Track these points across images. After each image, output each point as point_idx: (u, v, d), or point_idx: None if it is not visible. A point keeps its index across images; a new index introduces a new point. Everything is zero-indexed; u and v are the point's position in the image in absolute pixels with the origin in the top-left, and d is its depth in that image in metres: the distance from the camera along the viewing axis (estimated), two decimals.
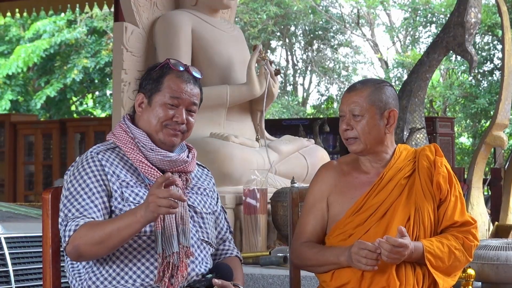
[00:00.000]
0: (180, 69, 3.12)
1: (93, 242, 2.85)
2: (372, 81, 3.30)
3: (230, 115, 5.88)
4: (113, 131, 3.15)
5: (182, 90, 3.09)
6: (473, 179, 5.71)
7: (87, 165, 3.03)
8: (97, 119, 13.97)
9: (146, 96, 3.11)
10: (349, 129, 3.23)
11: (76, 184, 3.00)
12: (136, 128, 3.10)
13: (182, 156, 3.11)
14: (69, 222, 2.91)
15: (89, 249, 2.86)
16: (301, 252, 3.25)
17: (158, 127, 3.08)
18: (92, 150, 3.09)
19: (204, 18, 5.93)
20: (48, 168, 11.27)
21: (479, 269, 4.09)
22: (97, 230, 2.85)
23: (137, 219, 2.80)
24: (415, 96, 6.98)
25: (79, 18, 16.69)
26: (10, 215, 4.50)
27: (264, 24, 17.88)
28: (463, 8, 6.64)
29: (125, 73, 5.71)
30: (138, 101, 3.13)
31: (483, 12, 14.88)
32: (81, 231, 2.86)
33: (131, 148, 3.06)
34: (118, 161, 3.06)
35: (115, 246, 2.89)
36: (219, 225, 3.29)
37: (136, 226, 2.82)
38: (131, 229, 2.83)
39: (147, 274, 2.97)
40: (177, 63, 3.14)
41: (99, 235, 2.84)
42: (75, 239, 2.87)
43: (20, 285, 3.96)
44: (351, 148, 3.25)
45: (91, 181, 2.99)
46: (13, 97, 16.77)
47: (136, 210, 2.82)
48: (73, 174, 3.03)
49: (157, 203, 2.74)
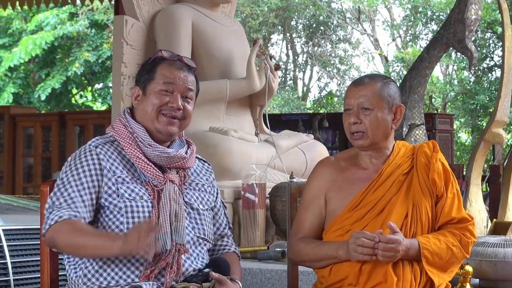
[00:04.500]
0: (173, 59, 3.13)
1: (68, 243, 2.92)
2: (380, 76, 3.31)
3: (229, 109, 5.87)
4: (112, 125, 3.15)
5: (176, 76, 3.10)
6: (471, 176, 5.71)
7: (84, 158, 3.04)
8: (96, 112, 13.96)
9: (141, 88, 3.13)
10: (358, 122, 3.21)
11: (70, 175, 3.01)
12: (135, 123, 3.10)
13: (180, 152, 3.11)
14: (54, 210, 2.95)
15: (63, 246, 2.94)
16: (298, 248, 3.26)
17: (154, 115, 3.08)
18: (91, 143, 3.09)
19: (204, 12, 5.93)
20: (47, 161, 11.27)
21: (477, 266, 4.09)
22: (76, 236, 2.90)
23: (113, 247, 2.85)
24: (414, 92, 6.98)
25: (80, 11, 16.67)
26: (9, 207, 4.50)
27: (265, 16, 17.87)
28: (463, 4, 6.64)
29: (125, 66, 5.71)
30: (134, 95, 3.15)
31: (483, 9, 14.87)
32: (62, 227, 2.92)
33: (129, 143, 3.06)
34: (116, 156, 3.06)
35: (86, 257, 2.98)
36: (218, 221, 3.29)
37: (110, 252, 2.89)
38: (104, 252, 2.90)
39: (137, 274, 2.97)
40: (170, 53, 3.15)
41: (75, 241, 2.90)
42: (54, 231, 2.92)
43: (18, 277, 3.96)
44: (358, 142, 3.23)
45: (85, 175, 3.01)
46: (14, 90, 16.77)
47: (116, 239, 2.86)
48: (69, 165, 3.05)
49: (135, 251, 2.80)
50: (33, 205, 4.66)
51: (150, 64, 3.14)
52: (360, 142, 3.23)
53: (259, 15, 17.69)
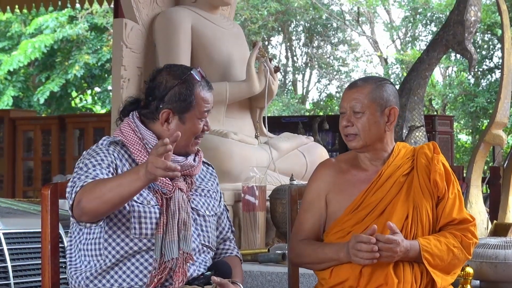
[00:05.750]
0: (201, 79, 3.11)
1: (94, 196, 2.82)
2: (373, 79, 3.31)
3: (229, 112, 5.88)
4: (120, 128, 3.12)
5: (209, 101, 3.12)
6: (472, 177, 5.71)
7: (100, 150, 3.04)
8: (96, 115, 13.95)
9: (175, 113, 3.08)
10: (350, 125, 3.23)
11: (88, 162, 2.99)
12: (145, 129, 3.09)
13: (189, 160, 3.12)
14: (77, 183, 2.90)
15: (90, 203, 2.83)
16: (299, 249, 3.26)
17: (191, 141, 3.12)
18: (102, 142, 3.10)
19: (204, 15, 5.93)
20: (47, 164, 11.26)
21: (478, 268, 4.09)
22: (99, 185, 2.83)
23: (138, 176, 2.78)
24: (414, 94, 6.98)
25: (80, 15, 16.68)
26: (9, 210, 4.50)
27: (265, 20, 17.88)
28: (463, 6, 6.65)
29: (124, 69, 5.71)
30: (164, 118, 3.09)
31: (483, 10, 14.89)
32: (86, 188, 2.85)
33: (139, 149, 3.06)
34: (126, 158, 3.07)
35: (114, 203, 2.84)
36: (221, 225, 3.29)
37: (137, 184, 2.79)
38: (131, 187, 2.80)
39: (141, 278, 2.97)
40: (198, 73, 3.13)
41: (100, 190, 2.81)
42: (79, 195, 2.85)
43: (19, 280, 3.96)
44: (351, 144, 3.25)
45: (103, 161, 2.99)
46: (14, 93, 16.77)
47: (139, 168, 2.80)
48: (86, 157, 3.03)
49: (154, 165, 2.72)
50: (33, 208, 4.66)
51: (185, 89, 3.08)
52: (353, 144, 3.25)
53: (259, 19, 17.70)
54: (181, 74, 3.10)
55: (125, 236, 2.96)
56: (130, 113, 3.15)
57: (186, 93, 3.08)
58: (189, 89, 3.08)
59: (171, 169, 2.74)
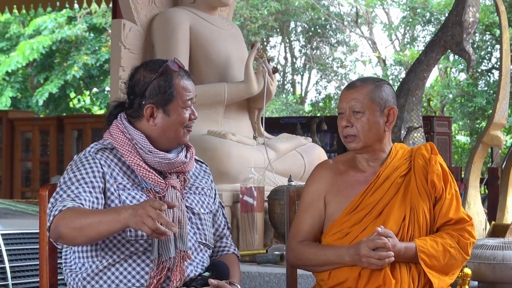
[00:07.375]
0: (178, 69, 3.12)
1: (73, 227, 2.79)
2: (372, 79, 3.31)
3: (227, 113, 5.88)
4: (110, 131, 3.11)
5: (189, 89, 3.10)
6: (470, 178, 5.72)
7: (86, 161, 3.02)
8: (94, 116, 13.95)
9: (158, 106, 3.07)
10: (349, 126, 3.23)
11: (72, 176, 2.98)
12: (134, 129, 3.08)
13: (180, 157, 3.10)
14: (57, 203, 2.88)
15: (68, 232, 2.80)
16: (299, 251, 3.25)
17: (181, 132, 3.10)
18: (90, 149, 3.07)
19: (202, 16, 5.93)
20: (45, 165, 11.26)
21: (476, 269, 4.09)
22: (80, 216, 2.80)
23: (119, 219, 2.74)
24: (412, 95, 6.98)
25: (78, 15, 16.68)
26: (7, 211, 4.50)
27: (264, 20, 17.88)
28: (461, 7, 6.65)
29: (122, 70, 5.71)
30: (149, 114, 3.08)
31: (481, 11, 14.89)
32: (66, 213, 2.82)
33: (129, 150, 3.05)
34: (116, 162, 3.05)
35: (92, 238, 2.82)
36: (216, 222, 3.29)
37: (116, 226, 2.76)
38: (110, 226, 2.77)
39: (138, 279, 2.96)
40: (174, 63, 3.13)
41: (80, 222, 2.78)
42: (58, 220, 2.82)
43: (17, 281, 3.96)
44: (350, 145, 3.25)
45: (88, 176, 2.97)
46: (13, 94, 16.76)
47: (121, 210, 2.75)
48: (71, 169, 3.02)
49: (143, 220, 2.66)
50: (31, 209, 4.65)
51: (163, 81, 3.07)
52: (352, 145, 3.24)
53: (258, 19, 17.70)
54: (157, 67, 3.09)
55: (121, 237, 2.96)
56: (117, 116, 3.15)
57: (165, 85, 3.07)
58: (168, 81, 3.07)
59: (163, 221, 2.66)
